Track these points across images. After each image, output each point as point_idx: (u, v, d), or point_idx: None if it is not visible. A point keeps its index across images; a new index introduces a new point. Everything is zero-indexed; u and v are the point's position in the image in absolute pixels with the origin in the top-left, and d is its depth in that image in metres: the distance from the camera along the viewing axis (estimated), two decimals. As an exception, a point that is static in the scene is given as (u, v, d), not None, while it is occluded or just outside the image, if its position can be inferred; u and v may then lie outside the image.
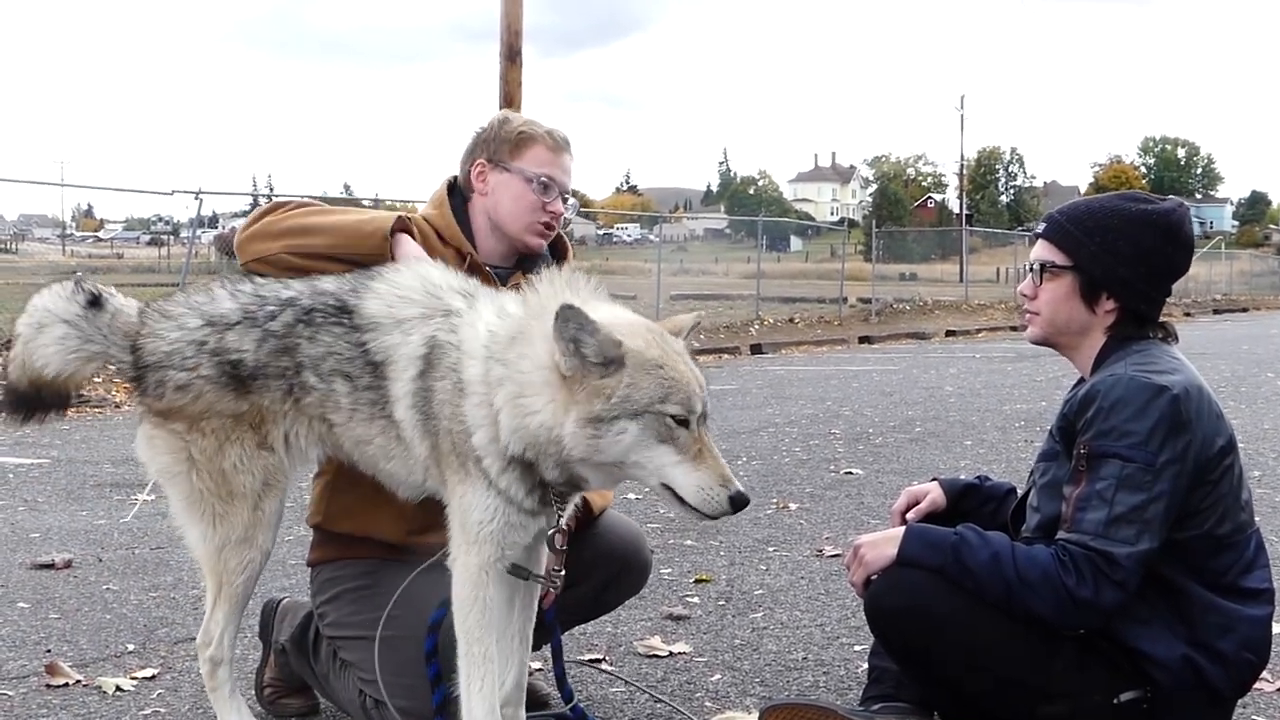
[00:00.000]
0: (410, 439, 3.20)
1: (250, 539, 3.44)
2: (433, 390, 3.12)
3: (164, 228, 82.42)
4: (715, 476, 2.87)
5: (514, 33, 14.00)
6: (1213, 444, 3.23)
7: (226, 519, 3.42)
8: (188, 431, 3.40)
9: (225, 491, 3.41)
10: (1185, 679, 3.20)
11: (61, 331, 3.47)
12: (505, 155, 3.74)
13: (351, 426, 3.32)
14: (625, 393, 2.83)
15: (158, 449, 3.45)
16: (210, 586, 3.50)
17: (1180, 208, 3.40)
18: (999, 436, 10.54)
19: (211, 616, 3.50)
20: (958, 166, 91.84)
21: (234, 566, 3.45)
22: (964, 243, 46.32)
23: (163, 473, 3.47)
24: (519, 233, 3.75)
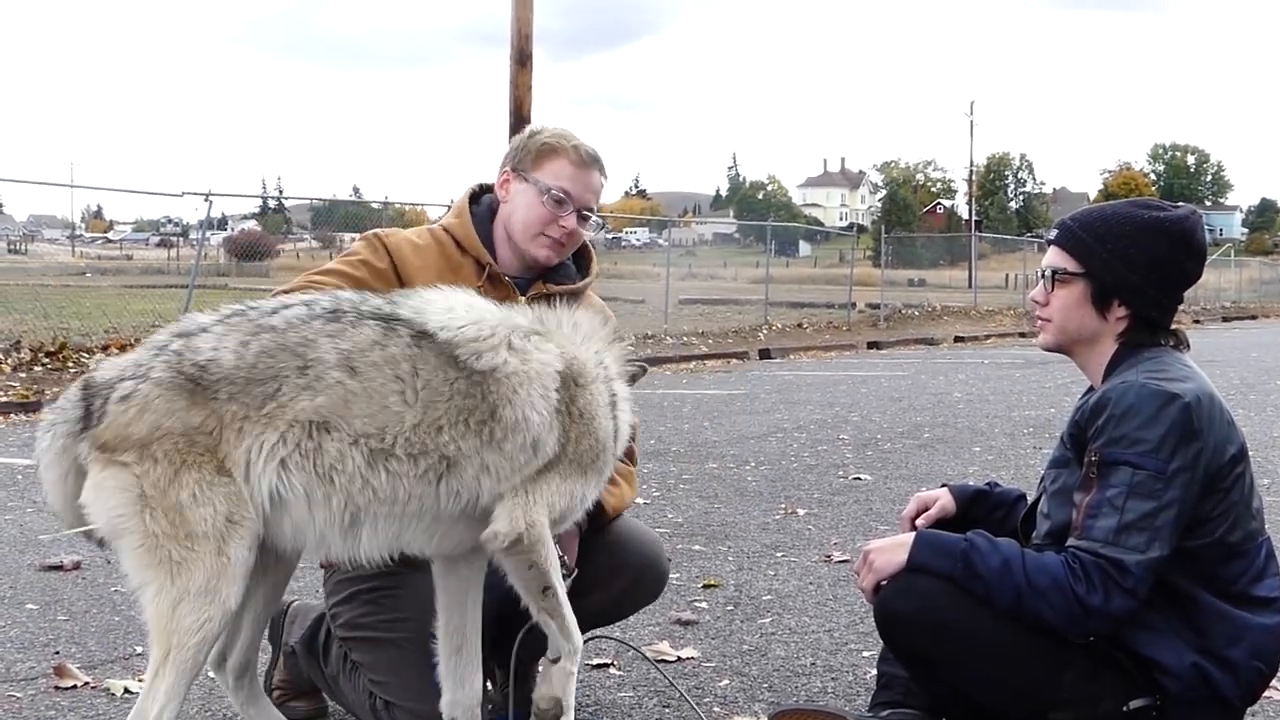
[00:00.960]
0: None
1: (212, 591, 2.98)
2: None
3: (173, 229, 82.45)
4: None
5: (524, 37, 14.04)
6: (1224, 452, 3.22)
7: (185, 567, 2.97)
8: (139, 462, 2.97)
9: (183, 532, 2.96)
10: (1195, 687, 3.19)
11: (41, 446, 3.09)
12: (528, 165, 3.71)
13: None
14: None
15: (109, 492, 2.99)
16: (155, 653, 3.02)
17: (1193, 215, 3.38)
18: (1008, 443, 10.53)
19: (150, 692, 3.02)
20: (967, 172, 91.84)
21: (189, 625, 2.98)
22: (973, 249, 46.32)
23: (112, 519, 3.00)
24: (526, 244, 3.70)
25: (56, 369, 14.80)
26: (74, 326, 17.24)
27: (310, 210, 78.80)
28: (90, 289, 28.84)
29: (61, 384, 13.96)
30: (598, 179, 3.75)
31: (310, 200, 69.48)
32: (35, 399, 12.75)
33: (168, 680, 3.00)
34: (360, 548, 3.12)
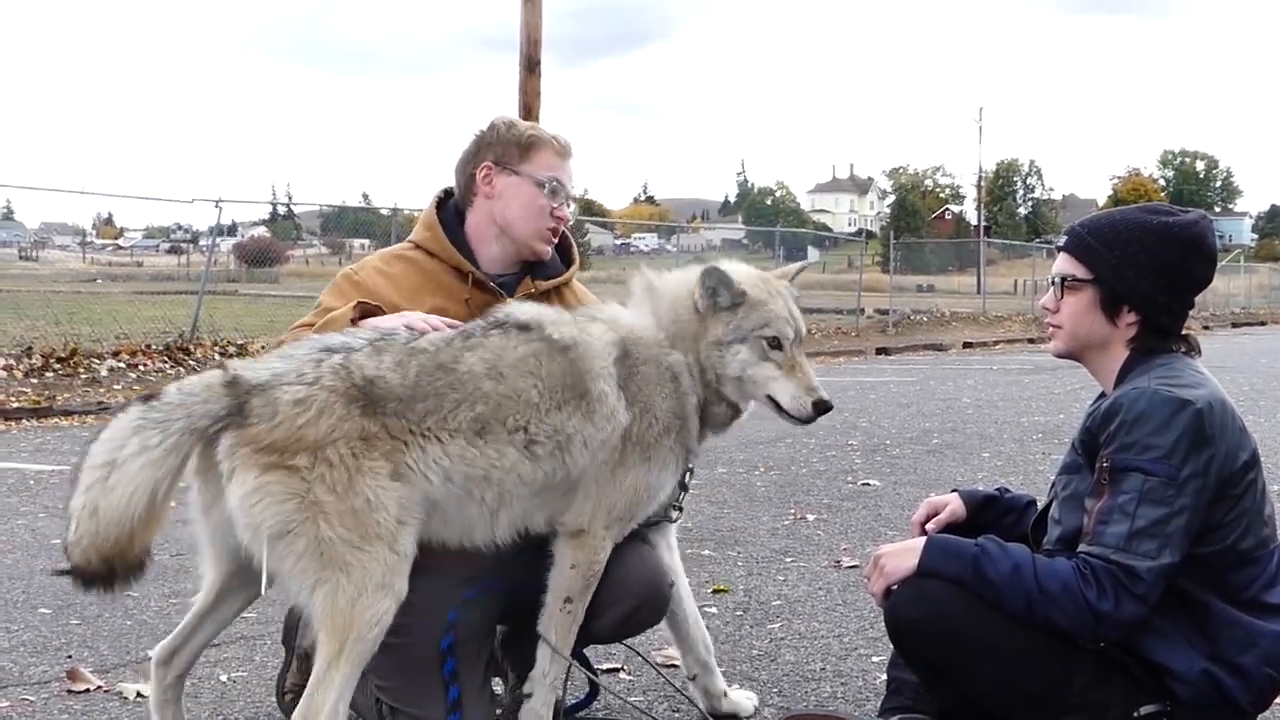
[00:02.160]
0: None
1: (388, 585, 3.14)
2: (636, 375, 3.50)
3: (183, 236, 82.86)
4: (804, 387, 3.51)
5: (533, 42, 14.07)
6: (1236, 458, 3.22)
7: (359, 567, 3.10)
8: (311, 466, 3.08)
9: (359, 535, 3.10)
10: (1205, 693, 3.19)
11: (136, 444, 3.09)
12: (514, 158, 3.77)
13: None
14: (738, 323, 3.49)
15: (273, 498, 3.07)
16: (328, 648, 3.13)
17: (1202, 220, 3.38)
18: (1017, 449, 10.52)
19: (323, 683, 3.13)
20: (976, 178, 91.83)
21: (368, 619, 3.12)
22: (981, 255, 46.35)
23: (278, 528, 3.08)
24: (528, 237, 3.78)
25: (67, 375, 14.85)
26: (85, 333, 17.28)
27: (320, 216, 78.88)
28: (101, 295, 28.91)
29: (73, 390, 14.02)
30: (573, 167, 3.89)
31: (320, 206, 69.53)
32: (46, 405, 12.80)
33: (344, 671, 3.14)
34: (498, 530, 3.39)
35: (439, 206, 3.90)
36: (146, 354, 16.32)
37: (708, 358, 3.52)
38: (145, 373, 15.56)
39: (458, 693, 3.58)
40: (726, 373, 3.52)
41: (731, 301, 3.52)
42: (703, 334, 3.53)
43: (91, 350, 16.03)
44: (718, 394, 3.57)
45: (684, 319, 3.56)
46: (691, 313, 3.55)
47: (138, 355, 16.17)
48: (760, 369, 3.51)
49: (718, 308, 3.52)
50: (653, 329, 3.57)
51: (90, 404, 13.00)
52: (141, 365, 15.84)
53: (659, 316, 3.59)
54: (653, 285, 3.66)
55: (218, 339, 17.57)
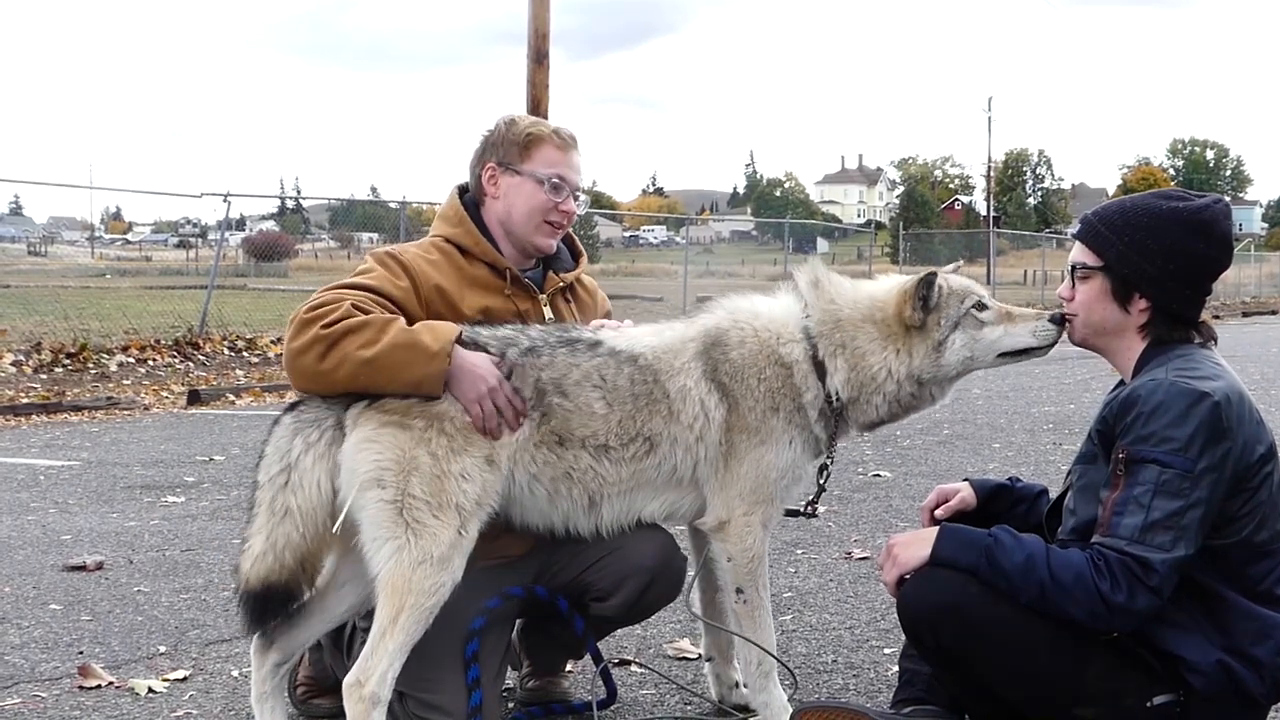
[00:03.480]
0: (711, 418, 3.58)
1: (448, 560, 3.31)
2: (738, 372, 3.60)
3: (192, 230, 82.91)
4: (1031, 318, 3.62)
5: (541, 35, 14.05)
6: (1253, 451, 3.20)
7: (430, 532, 3.29)
8: (425, 429, 3.35)
9: (440, 501, 3.31)
10: (1220, 684, 3.17)
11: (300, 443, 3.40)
12: (515, 158, 3.78)
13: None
14: (946, 316, 3.60)
15: (382, 446, 3.32)
16: (384, 612, 3.28)
17: (1215, 205, 3.34)
18: (1027, 439, 10.49)
19: (378, 646, 3.29)
20: (985, 169, 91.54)
21: (426, 587, 3.28)
22: (991, 245, 46.17)
23: (374, 474, 3.30)
24: (530, 234, 3.79)
25: (77, 370, 14.88)
26: (94, 328, 17.33)
27: (328, 210, 78.99)
28: (110, 290, 28.97)
29: (82, 385, 14.04)
30: (578, 158, 3.88)
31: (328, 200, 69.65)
32: (56, 400, 12.81)
33: (398, 639, 3.28)
34: (602, 522, 3.58)
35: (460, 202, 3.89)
36: (156, 349, 16.36)
37: (923, 363, 3.61)
38: (155, 368, 15.59)
39: (479, 699, 3.59)
40: (950, 366, 3.63)
41: (938, 299, 3.61)
42: (915, 343, 3.61)
43: (101, 345, 16.07)
44: (926, 383, 3.66)
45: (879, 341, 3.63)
46: (895, 325, 3.62)
47: (147, 350, 16.21)
48: (983, 337, 3.61)
49: (930, 309, 3.61)
50: (781, 318, 3.69)
51: (100, 399, 13.01)
52: (151, 360, 15.88)
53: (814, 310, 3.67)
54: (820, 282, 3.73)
55: (226, 333, 17.60)
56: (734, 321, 3.65)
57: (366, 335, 3.37)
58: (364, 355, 3.35)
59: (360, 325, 3.38)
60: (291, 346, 3.44)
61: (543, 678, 4.07)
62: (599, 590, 3.73)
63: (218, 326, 17.94)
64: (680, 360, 3.59)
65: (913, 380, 3.64)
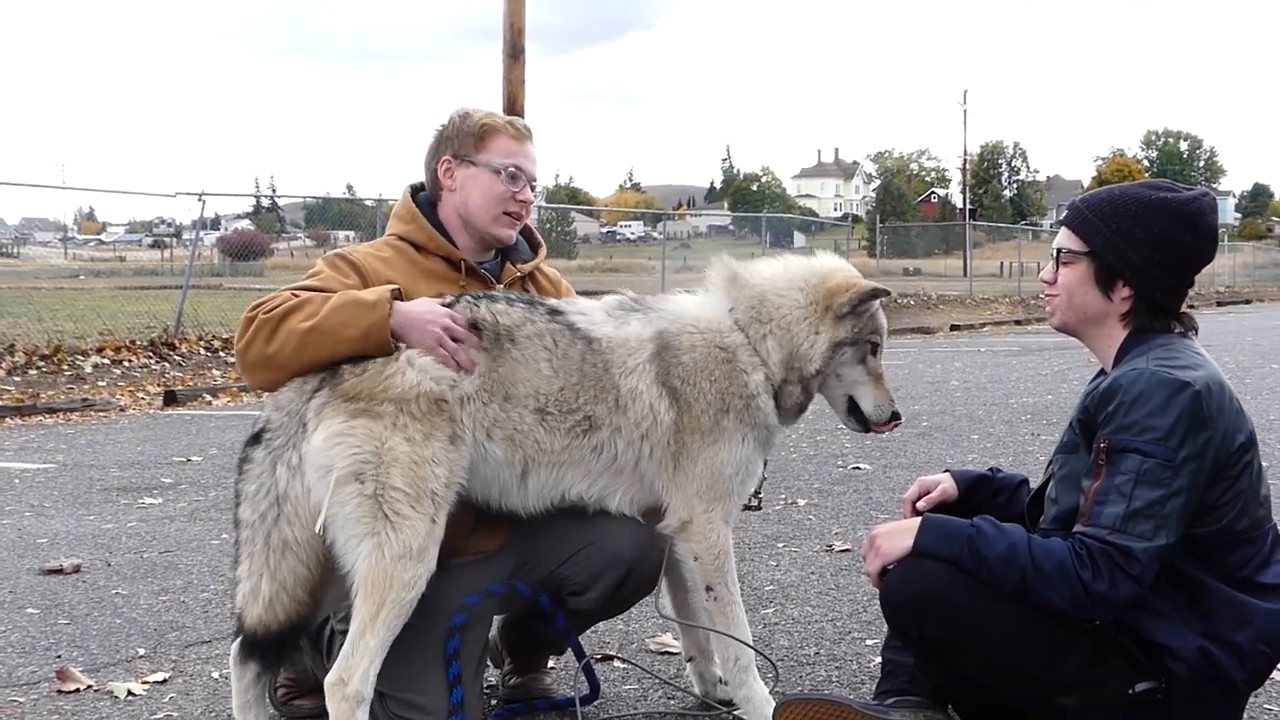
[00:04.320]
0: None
1: (425, 552, 3.29)
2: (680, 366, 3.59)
3: (166, 230, 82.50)
4: (886, 396, 3.71)
5: (516, 31, 13.99)
6: (1233, 440, 3.21)
7: (408, 524, 3.26)
8: (396, 415, 3.30)
9: (417, 490, 3.28)
10: (1201, 670, 3.18)
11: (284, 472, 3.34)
12: (470, 149, 3.79)
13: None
14: (861, 326, 3.64)
15: (357, 439, 3.27)
16: (365, 609, 3.27)
17: (1203, 197, 3.37)
18: (1006, 430, 10.51)
19: (359, 644, 3.27)
20: (961, 161, 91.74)
21: (406, 580, 3.26)
22: (968, 237, 46.28)
23: (352, 468, 3.26)
24: (489, 225, 3.80)
25: (51, 372, 14.77)
26: (68, 329, 17.21)
27: (304, 209, 78.54)
28: (84, 291, 28.79)
29: (57, 387, 13.95)
30: (533, 148, 3.88)
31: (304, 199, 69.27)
32: (30, 403, 12.73)
33: (378, 635, 3.26)
34: (529, 495, 3.54)
35: (414, 198, 3.90)
36: (131, 350, 16.25)
37: (811, 351, 3.62)
38: (130, 369, 15.49)
39: (459, 669, 3.58)
40: (827, 369, 3.65)
41: (866, 308, 3.65)
42: (814, 330, 3.63)
43: (75, 347, 15.94)
44: (802, 380, 3.66)
45: (786, 312, 3.64)
46: (802, 308, 3.64)
47: (122, 351, 16.09)
48: (855, 371, 3.68)
49: (856, 314, 3.64)
50: (718, 315, 3.67)
51: (75, 401, 12.93)
52: (126, 361, 15.77)
53: (738, 304, 3.68)
54: (738, 275, 3.72)
55: (203, 333, 17.50)
56: (682, 326, 3.63)
57: (307, 310, 3.43)
58: (306, 325, 3.40)
59: (300, 303, 3.46)
60: (240, 345, 3.50)
61: (525, 674, 4.06)
62: (576, 584, 3.72)
63: (193, 326, 17.83)
64: (635, 360, 3.56)
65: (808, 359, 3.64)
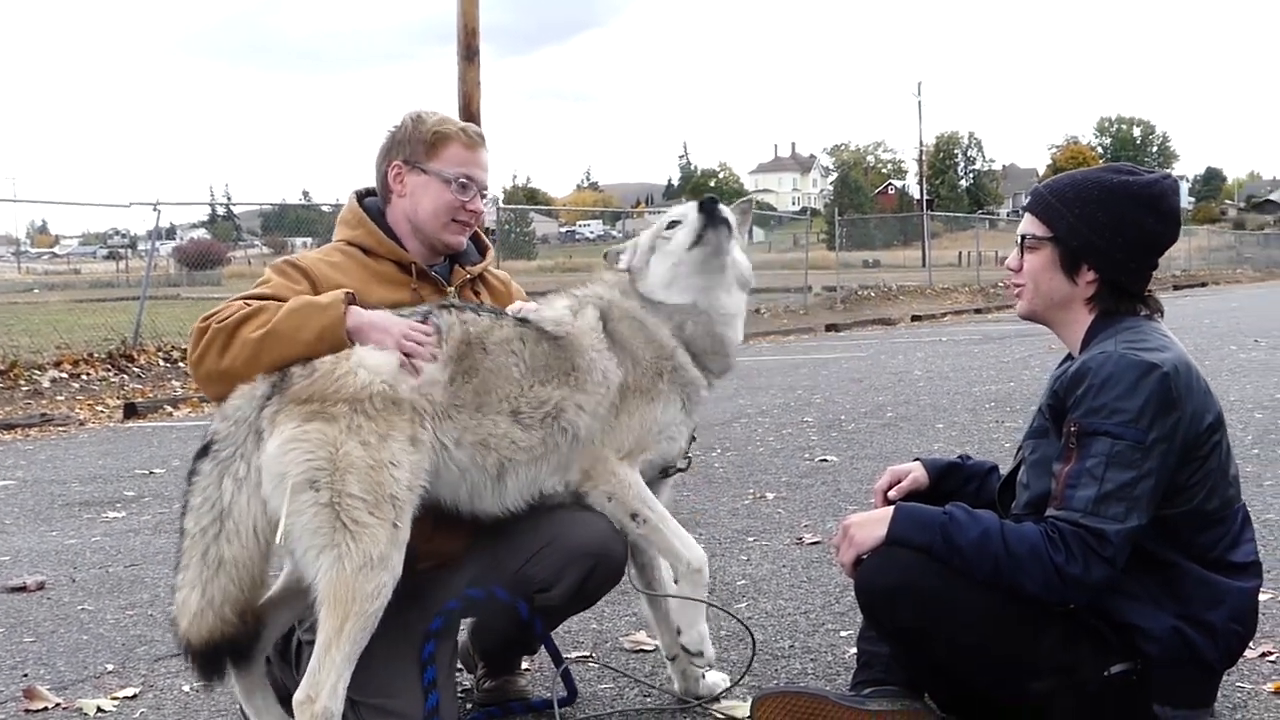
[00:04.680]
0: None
1: (387, 559, 3.19)
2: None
3: (121, 241, 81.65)
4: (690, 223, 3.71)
5: (471, 32, 13.94)
6: (1201, 420, 3.23)
7: (369, 532, 3.16)
8: (350, 416, 3.22)
9: (376, 496, 3.18)
10: (1175, 651, 3.20)
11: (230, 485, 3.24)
12: (421, 156, 3.78)
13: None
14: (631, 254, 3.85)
15: (311, 445, 3.18)
16: (329, 623, 3.17)
17: (1164, 180, 3.39)
18: (970, 418, 10.56)
19: (325, 660, 3.17)
20: (917, 152, 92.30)
21: (369, 591, 3.16)
22: (926, 228, 46.54)
23: (306, 476, 3.16)
24: (438, 232, 3.80)
25: (8, 388, 14.58)
26: (24, 344, 16.96)
27: (260, 216, 78.13)
28: (39, 305, 28.47)
29: (14, 403, 13.79)
30: (486, 155, 3.88)
31: (260, 206, 68.99)
32: (-11, 419, 12.56)
33: (344, 649, 3.17)
34: (507, 495, 3.51)
35: (361, 202, 3.89)
36: (89, 362, 16.08)
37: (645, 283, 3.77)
38: (89, 382, 15.33)
39: (434, 674, 3.57)
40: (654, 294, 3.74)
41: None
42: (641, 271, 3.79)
43: (32, 362, 15.74)
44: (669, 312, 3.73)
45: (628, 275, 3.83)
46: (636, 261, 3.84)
47: (80, 364, 15.92)
48: (663, 248, 3.75)
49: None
50: (616, 289, 3.80)
51: (33, 416, 12.79)
52: (84, 374, 15.61)
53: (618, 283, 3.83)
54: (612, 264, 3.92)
55: (161, 344, 17.33)
56: (610, 300, 3.75)
57: (260, 318, 3.39)
58: (260, 333, 3.35)
59: (254, 312, 3.41)
60: (194, 357, 3.44)
61: (499, 677, 4.04)
62: (541, 581, 3.68)
63: (152, 338, 17.64)
64: (588, 340, 3.63)
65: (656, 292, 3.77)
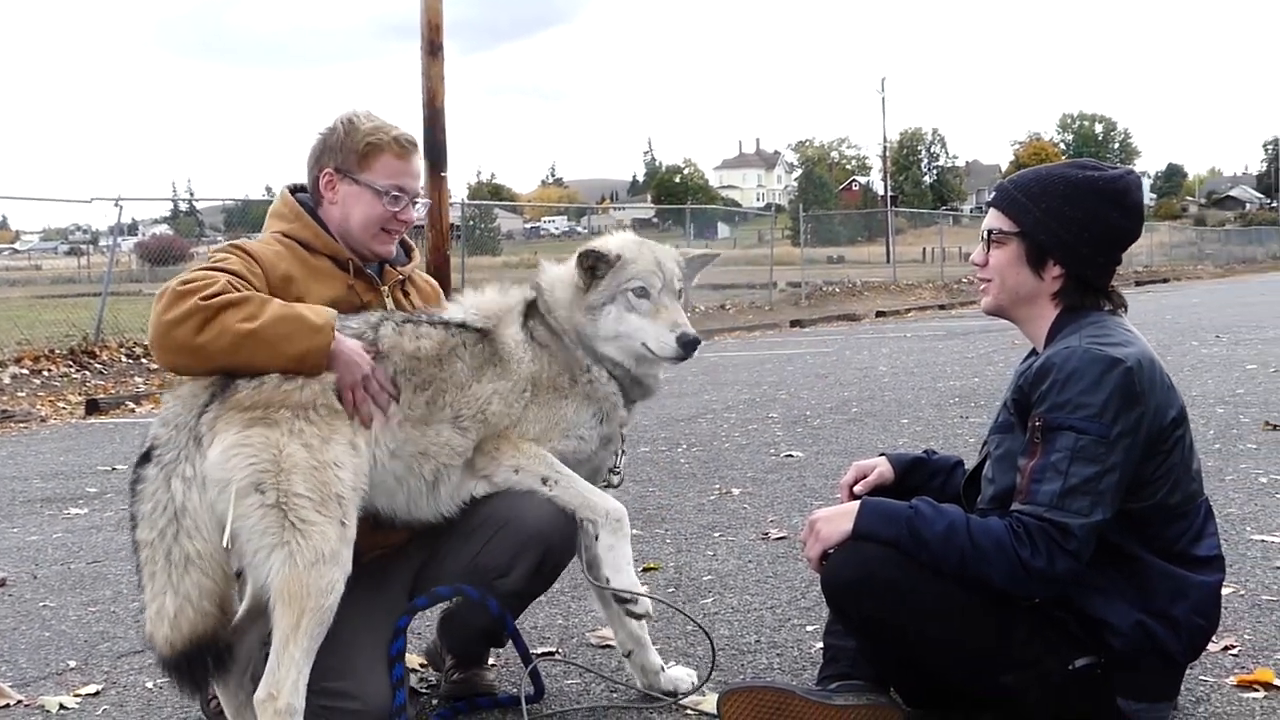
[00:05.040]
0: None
1: (338, 555, 3.22)
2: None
3: (83, 237, 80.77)
4: (666, 324, 3.67)
5: (434, 27, 13.87)
6: (1165, 415, 3.26)
7: (317, 530, 3.19)
8: (292, 420, 3.26)
9: (322, 495, 3.21)
10: (1139, 644, 3.23)
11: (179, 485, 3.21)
12: (353, 166, 3.79)
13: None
14: (607, 284, 3.72)
15: (254, 449, 3.20)
16: (285, 621, 3.18)
17: (1128, 175, 3.42)
18: (935, 413, 10.60)
19: (283, 657, 3.19)
20: (881, 149, 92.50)
21: (322, 587, 3.19)
22: (890, 224, 46.77)
23: (251, 479, 3.18)
24: (368, 242, 3.84)
25: (-32, 384, 14.45)
26: (-16, 340, 16.83)
27: (223, 212, 77.39)
28: (-1, 301, 28.19)
29: (-25, 398, 13.64)
30: (419, 162, 3.93)
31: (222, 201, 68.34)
32: (-52, 416, 12.44)
33: (302, 645, 3.19)
34: (440, 501, 3.60)
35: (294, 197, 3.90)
36: (50, 359, 15.94)
37: (584, 327, 3.73)
38: (50, 378, 15.20)
39: (402, 671, 3.59)
40: (600, 333, 3.72)
41: (607, 268, 3.72)
42: (580, 305, 3.74)
43: (-8, 358, 15.61)
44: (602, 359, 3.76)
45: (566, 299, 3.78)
46: (573, 291, 3.77)
47: (41, 361, 15.78)
48: (629, 321, 3.70)
49: (595, 278, 3.73)
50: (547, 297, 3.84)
51: (-6, 412, 12.67)
52: (46, 371, 15.47)
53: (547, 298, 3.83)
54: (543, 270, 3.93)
55: (124, 340, 17.20)
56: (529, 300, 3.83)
57: (247, 310, 3.34)
58: (246, 328, 3.30)
59: (240, 300, 3.35)
60: (165, 318, 3.32)
61: (466, 670, 4.03)
62: (497, 568, 3.67)
63: (114, 334, 17.51)
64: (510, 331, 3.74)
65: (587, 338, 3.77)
